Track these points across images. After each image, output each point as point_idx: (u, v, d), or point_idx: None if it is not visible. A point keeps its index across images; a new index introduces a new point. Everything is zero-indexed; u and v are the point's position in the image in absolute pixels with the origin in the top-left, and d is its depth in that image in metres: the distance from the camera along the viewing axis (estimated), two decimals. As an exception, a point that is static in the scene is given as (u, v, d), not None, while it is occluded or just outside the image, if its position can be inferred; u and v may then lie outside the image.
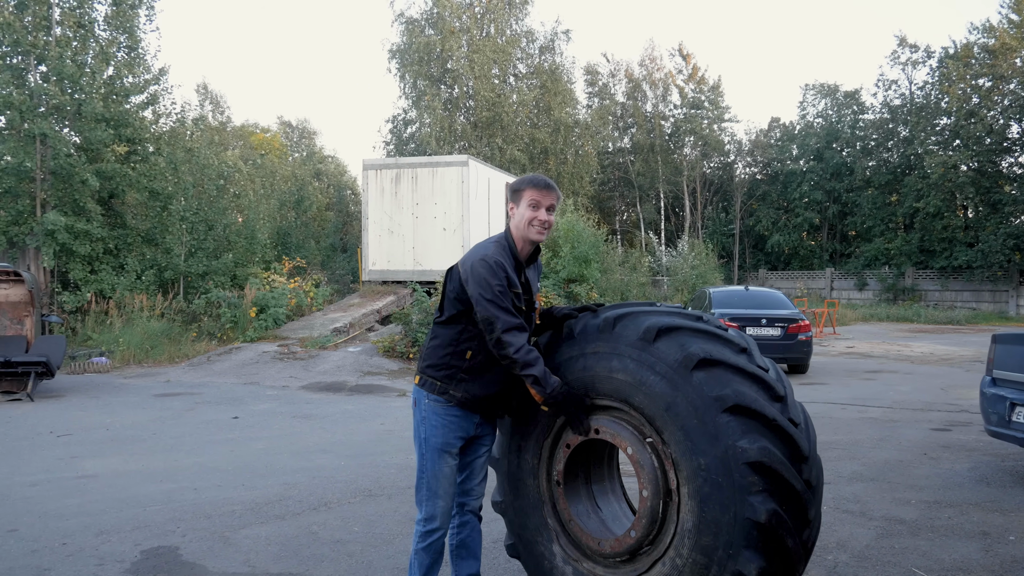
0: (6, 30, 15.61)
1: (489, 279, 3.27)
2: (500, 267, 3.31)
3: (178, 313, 16.71)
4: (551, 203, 3.44)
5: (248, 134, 44.72)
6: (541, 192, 3.41)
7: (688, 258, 30.73)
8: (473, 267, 3.32)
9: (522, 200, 3.43)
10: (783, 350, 13.32)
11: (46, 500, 5.94)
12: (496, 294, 3.26)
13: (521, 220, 3.44)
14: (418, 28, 32.12)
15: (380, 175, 19.90)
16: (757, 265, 42.84)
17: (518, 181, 3.50)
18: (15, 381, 10.54)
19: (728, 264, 42.05)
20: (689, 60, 44.30)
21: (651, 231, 41.12)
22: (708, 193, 44.92)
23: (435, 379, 3.50)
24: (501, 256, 3.37)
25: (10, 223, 15.77)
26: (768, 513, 2.99)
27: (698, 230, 42.97)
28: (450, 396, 3.46)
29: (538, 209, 3.41)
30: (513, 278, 3.36)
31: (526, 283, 3.52)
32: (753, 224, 42.31)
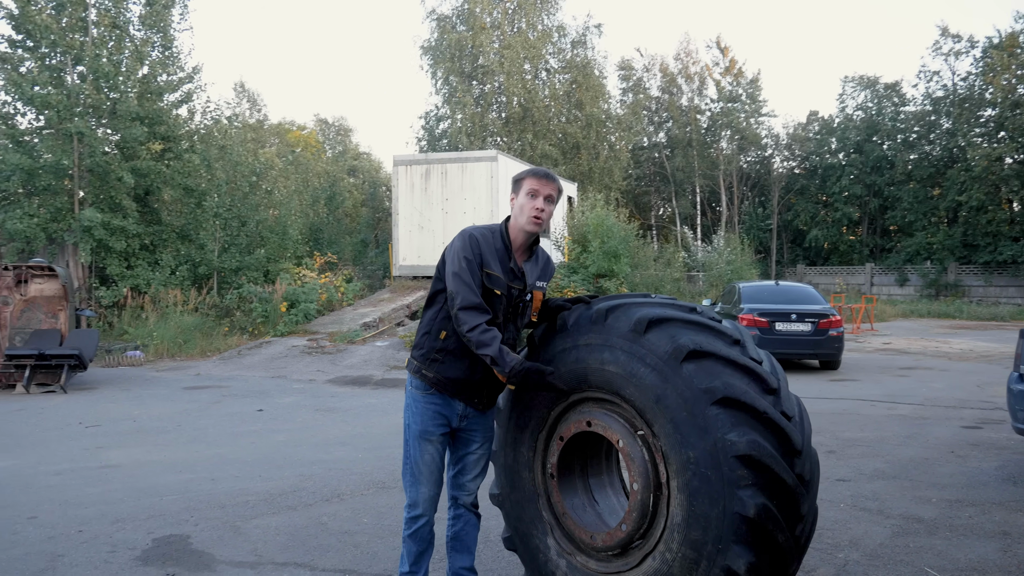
0: (44, 31, 15.98)
1: (460, 251, 3.32)
2: (475, 242, 3.34)
3: (211, 308, 16.99)
4: (549, 193, 3.42)
5: (285, 131, 45.26)
6: (540, 181, 3.41)
7: (723, 253, 30.39)
8: (453, 241, 3.39)
9: (521, 189, 3.43)
10: (814, 346, 13.12)
11: (68, 488, 6.08)
12: (461, 267, 3.29)
13: (518, 209, 3.44)
14: (449, 25, 32.20)
15: (410, 171, 20.01)
16: (795, 260, 42.22)
17: (520, 172, 3.52)
18: (49, 373, 10.81)
19: (765, 259, 41.54)
20: (727, 53, 43.77)
21: (687, 226, 40.77)
22: (745, 188, 44.39)
23: (414, 359, 3.55)
24: (486, 236, 3.40)
25: (49, 220, 16.16)
26: (757, 508, 2.94)
27: (735, 225, 42.50)
28: (423, 376, 3.48)
29: (535, 198, 3.40)
30: (488, 258, 3.35)
31: (517, 272, 3.47)
32: (791, 219, 41.70)
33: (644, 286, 23.46)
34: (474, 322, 3.26)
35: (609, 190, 32.65)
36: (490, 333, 3.26)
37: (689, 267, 32.09)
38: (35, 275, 11.18)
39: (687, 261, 31.90)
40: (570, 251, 20.14)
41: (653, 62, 44.27)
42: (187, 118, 19.44)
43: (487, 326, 3.28)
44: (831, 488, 6.12)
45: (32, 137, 16.98)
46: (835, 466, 6.86)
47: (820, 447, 7.60)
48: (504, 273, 3.42)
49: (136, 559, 4.59)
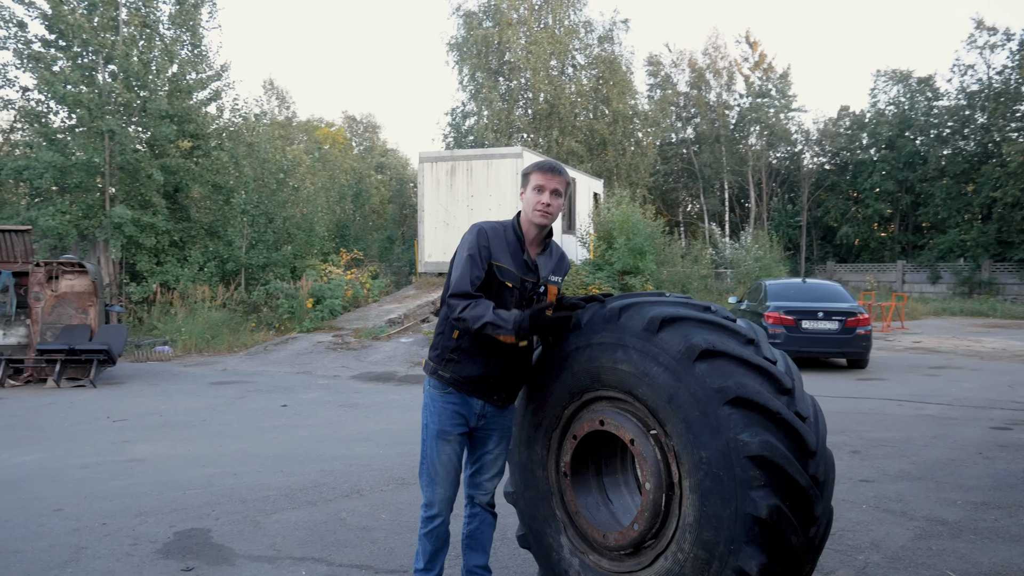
0: (76, 31, 16.23)
1: (465, 245, 3.35)
2: (483, 236, 3.36)
3: (239, 304, 17.18)
4: (555, 187, 3.42)
5: (313, 129, 45.59)
6: (546, 176, 3.40)
7: (751, 250, 30.12)
8: (464, 236, 3.41)
9: (529, 183, 3.44)
10: (841, 344, 12.96)
11: (93, 482, 6.18)
12: (464, 256, 3.32)
13: (526, 203, 3.45)
14: (476, 21, 32.23)
15: (436, 168, 20.06)
16: (825, 257, 41.75)
17: (527, 166, 3.51)
18: (79, 368, 11.00)
19: (794, 256, 41.12)
20: (756, 48, 43.36)
21: (715, 223, 40.47)
22: (774, 184, 43.96)
23: (431, 360, 3.57)
24: (496, 230, 3.42)
25: (81, 217, 16.42)
26: (770, 508, 2.91)
27: (763, 222, 42.09)
28: (440, 376, 3.49)
29: (542, 193, 3.40)
30: (497, 252, 3.37)
31: (531, 264, 3.48)
32: (821, 215, 41.24)
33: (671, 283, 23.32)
34: (463, 303, 3.26)
35: (636, 187, 32.50)
36: (480, 305, 3.24)
37: (717, 264, 31.86)
38: (66, 271, 11.38)
39: (714, 258, 31.67)
40: (595, 248, 20.08)
41: (681, 57, 44.00)
42: (216, 116, 19.65)
43: (475, 300, 3.27)
44: (853, 489, 6.05)
45: (65, 135, 17.26)
46: (858, 466, 6.77)
47: (844, 447, 7.51)
48: (516, 266, 3.42)
49: (157, 552, 4.66)
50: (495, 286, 3.38)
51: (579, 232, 21.46)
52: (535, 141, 31.28)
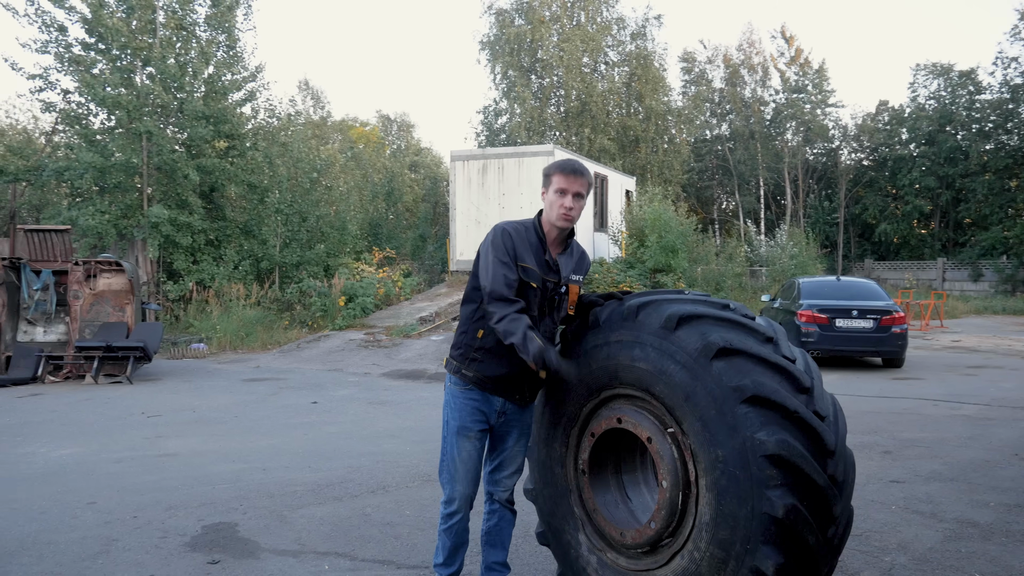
0: (115, 34, 16.55)
1: (491, 247, 3.34)
2: (507, 237, 3.36)
3: (273, 302, 17.40)
4: (578, 190, 3.41)
5: (348, 128, 45.97)
6: (568, 178, 3.38)
7: (786, 248, 29.76)
8: (487, 237, 3.41)
9: (551, 185, 3.42)
10: (875, 343, 12.75)
11: (126, 476, 6.31)
12: (493, 260, 3.31)
13: (548, 205, 3.44)
14: (508, 19, 32.24)
15: (467, 166, 20.12)
16: (863, 255, 41.11)
17: (549, 166, 3.48)
18: (116, 364, 11.23)
19: (832, 254, 40.53)
20: (792, 42, 42.83)
21: (750, 220, 40.05)
22: (811, 180, 43.38)
23: (453, 359, 3.58)
24: (518, 231, 3.41)
25: (119, 216, 16.75)
26: (786, 508, 2.88)
27: (800, 219, 41.56)
28: (463, 376, 3.51)
29: (564, 196, 3.39)
30: (522, 252, 3.36)
31: (552, 264, 3.47)
32: (859, 212, 40.61)
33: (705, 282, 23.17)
34: (502, 312, 3.28)
35: (668, 184, 32.28)
36: (517, 321, 3.26)
37: (751, 262, 31.53)
38: (103, 270, 11.62)
39: (749, 256, 31.35)
40: (627, 245, 19.99)
41: (716, 53, 43.59)
42: (250, 116, 19.91)
43: (516, 314, 3.28)
44: (883, 489, 5.96)
45: (104, 137, 17.61)
46: (890, 467, 6.67)
47: (875, 447, 7.41)
48: (539, 266, 3.42)
49: (185, 545, 4.74)
50: (520, 286, 3.39)
51: (611, 230, 21.38)
52: (567, 139, 31.21)
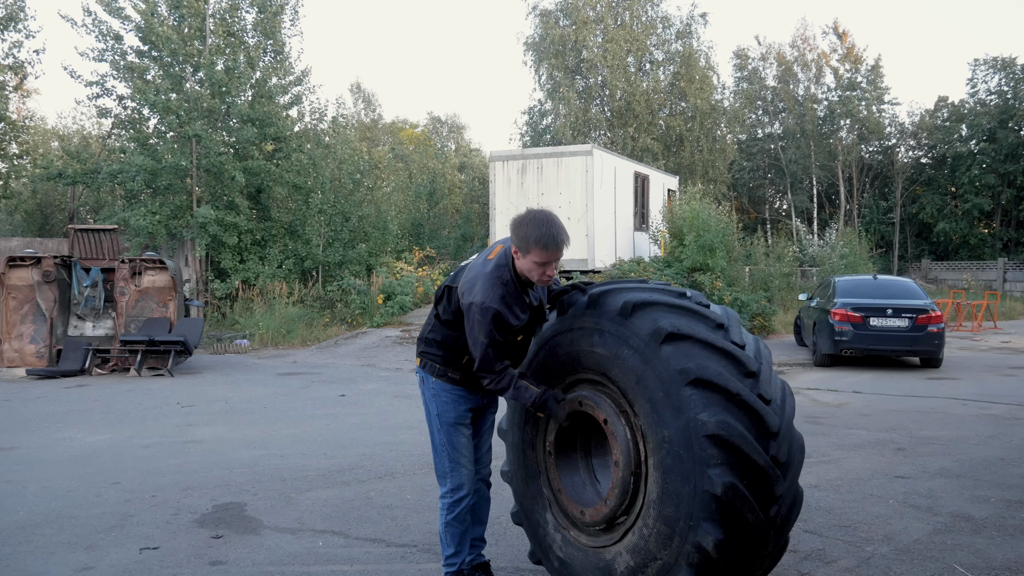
0: (166, 42, 17.22)
1: (485, 327, 3.41)
2: (493, 313, 3.41)
3: (316, 300, 17.88)
4: (556, 259, 3.46)
5: (398, 130, 46.65)
6: (547, 254, 3.39)
7: (836, 247, 29.27)
8: (469, 308, 3.45)
9: (530, 256, 3.42)
10: (910, 342, 12.55)
11: (152, 459, 6.67)
12: (482, 343, 3.43)
13: (527, 269, 3.47)
14: (552, 20, 32.38)
15: (507, 166, 20.30)
16: (920, 255, 40.11)
17: (524, 232, 3.42)
18: (159, 358, 11.74)
19: (887, 254, 39.65)
20: (845, 38, 42.02)
21: (802, 220, 39.44)
22: (866, 179, 42.51)
23: (435, 362, 3.76)
24: (498, 295, 3.43)
25: (169, 217, 17.41)
26: (725, 486, 3.00)
27: (854, 218, 40.76)
28: (449, 378, 3.74)
29: (545, 266, 3.44)
30: (508, 316, 3.45)
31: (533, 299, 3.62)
32: (916, 212, 39.63)
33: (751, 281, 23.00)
34: (490, 376, 3.53)
35: (714, 183, 32.02)
36: (506, 378, 3.53)
37: (801, 262, 31.07)
38: (148, 267, 12.16)
39: (799, 256, 30.91)
40: (667, 245, 19.95)
41: (769, 51, 43.02)
42: (296, 119, 20.46)
43: (503, 373, 3.53)
44: (885, 484, 5.96)
45: (156, 141, 18.32)
46: (899, 463, 6.64)
47: (889, 444, 7.37)
48: (522, 311, 3.55)
49: (194, 521, 5.03)
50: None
51: (651, 230, 21.36)
52: (612, 139, 31.21)
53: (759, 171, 43.77)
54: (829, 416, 8.91)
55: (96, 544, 4.61)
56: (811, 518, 5.14)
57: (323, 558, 4.43)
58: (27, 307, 11.70)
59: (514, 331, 3.55)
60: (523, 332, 3.65)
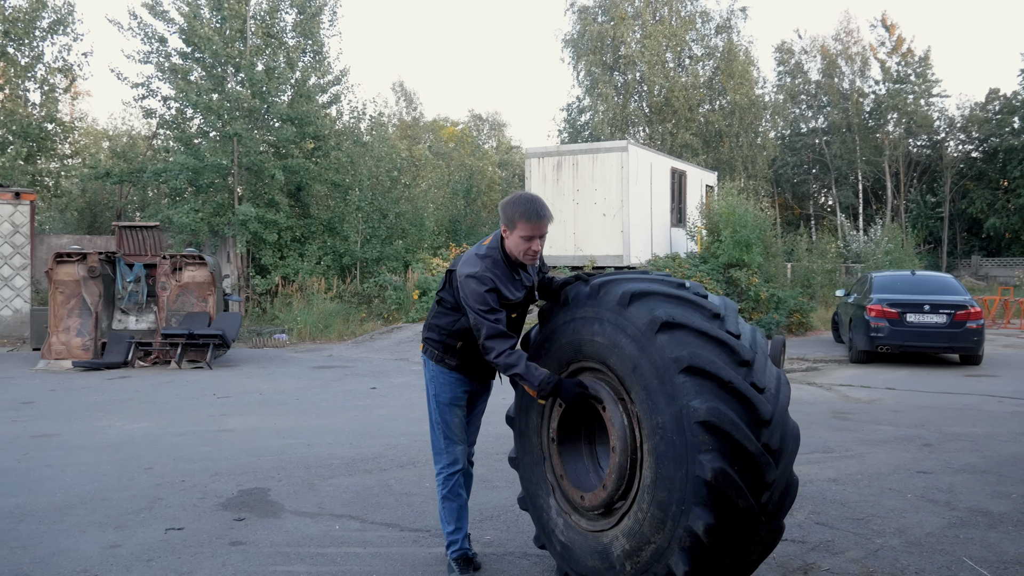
0: (207, 43, 17.64)
1: (479, 294, 3.57)
2: (489, 281, 3.59)
3: (354, 295, 18.19)
4: (542, 233, 3.64)
5: (439, 128, 46.95)
6: (533, 226, 3.59)
7: (880, 243, 28.77)
8: (464, 283, 3.63)
9: (516, 231, 3.62)
10: (948, 339, 12.33)
11: (185, 447, 6.91)
12: (482, 308, 3.57)
13: (514, 246, 3.66)
14: (591, 16, 32.33)
15: (542, 163, 20.38)
16: (970, 251, 39.21)
17: (510, 210, 3.63)
18: (198, 351, 12.07)
19: (935, 250, 38.83)
20: (893, 31, 41.21)
21: (846, 215, 38.80)
22: (913, 174, 41.66)
23: (434, 349, 3.99)
24: (491, 270, 3.63)
25: (212, 214, 17.83)
26: (715, 472, 3.05)
27: (901, 214, 39.99)
28: (446, 364, 3.95)
29: (531, 241, 3.62)
30: (502, 289, 3.63)
31: (525, 281, 3.79)
32: (966, 207, 38.75)
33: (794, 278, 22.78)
34: (502, 347, 3.58)
35: (754, 179, 31.68)
36: (515, 355, 3.59)
37: (845, 258, 30.61)
38: (188, 263, 12.51)
39: (842, 252, 30.46)
40: (703, 241, 19.85)
41: (812, 44, 42.37)
42: (335, 118, 20.78)
43: (511, 349, 3.60)
44: (906, 479, 5.93)
45: (199, 140, 18.78)
46: (923, 459, 6.59)
47: (916, 440, 7.30)
48: (516, 289, 3.74)
49: (219, 505, 5.23)
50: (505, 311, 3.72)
51: (688, 226, 21.26)
52: (650, 135, 31.07)
53: (803, 166, 43.16)
54: (858, 412, 8.84)
55: (125, 524, 4.83)
56: (824, 511, 5.15)
57: (338, 540, 4.58)
58: (73, 301, 12.12)
59: (509, 305, 3.70)
60: (517, 310, 3.81)
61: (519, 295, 3.75)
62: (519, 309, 3.83)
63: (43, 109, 21.01)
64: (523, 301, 3.82)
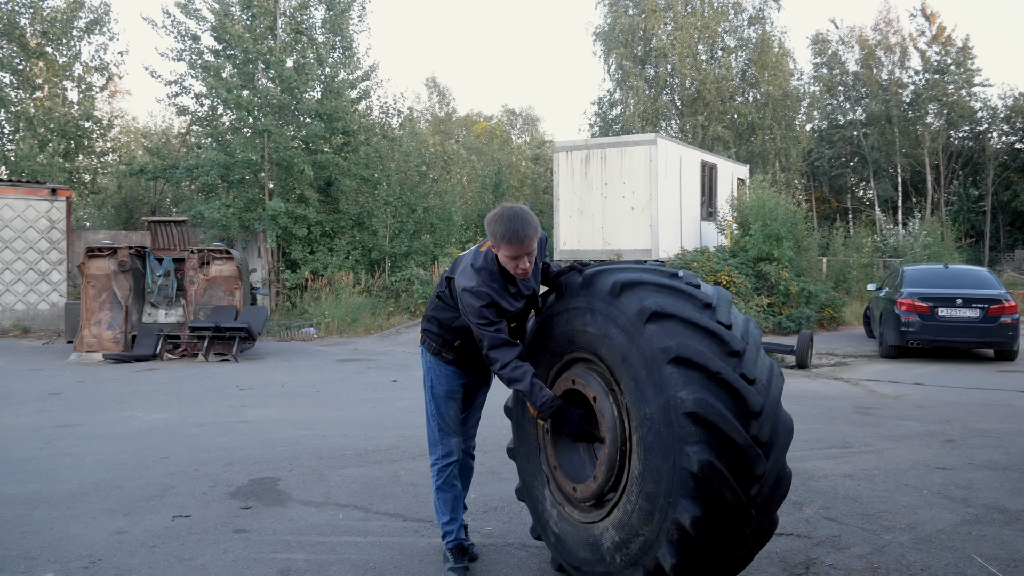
0: (238, 41, 17.85)
1: (476, 309, 3.52)
2: (486, 296, 3.52)
3: (382, 290, 18.31)
4: (528, 252, 3.50)
5: (471, 123, 47.01)
6: (515, 248, 3.46)
7: (919, 237, 28.20)
8: (461, 296, 3.58)
9: (501, 251, 3.51)
10: (982, 333, 12.05)
11: (202, 437, 7.01)
12: (482, 322, 3.52)
13: (504, 263, 3.56)
14: (621, 8, 32.09)
15: (570, 157, 20.29)
16: (1013, 245, 38.21)
17: (492, 228, 3.49)
18: (225, 344, 12.25)
19: (977, 244, 37.93)
20: (933, 20, 40.28)
21: (883, 209, 38.08)
22: (955, 166, 40.72)
23: (433, 342, 3.96)
24: (487, 284, 3.55)
25: (243, 209, 18.06)
26: (701, 464, 3.01)
27: (941, 207, 39.13)
28: (443, 358, 3.94)
29: (517, 260, 3.50)
30: (500, 302, 3.56)
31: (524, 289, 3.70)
32: (1009, 199, 37.77)
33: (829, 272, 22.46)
34: (505, 359, 3.53)
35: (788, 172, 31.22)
36: (521, 369, 3.53)
37: (882, 252, 30.06)
38: (215, 257, 12.70)
39: (879, 246, 29.92)
40: (733, 235, 19.62)
41: (850, 34, 41.60)
42: (364, 113, 20.92)
43: (517, 361, 3.54)
44: (924, 475, 5.81)
45: (231, 136, 19.02)
46: (944, 455, 6.45)
47: (939, 436, 7.15)
48: (515, 298, 3.66)
49: (228, 494, 5.30)
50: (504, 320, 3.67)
51: (718, 219, 21.04)
52: (682, 127, 30.78)
53: (840, 159, 42.44)
54: (883, 407, 8.68)
55: (135, 511, 4.91)
56: (835, 506, 5.07)
57: (340, 529, 4.62)
58: (105, 295, 12.37)
59: (508, 316, 3.65)
60: (518, 319, 3.76)
61: (518, 305, 3.68)
62: (520, 318, 3.77)
63: (80, 107, 21.47)
64: (523, 310, 3.75)
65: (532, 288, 3.77)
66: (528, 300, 3.76)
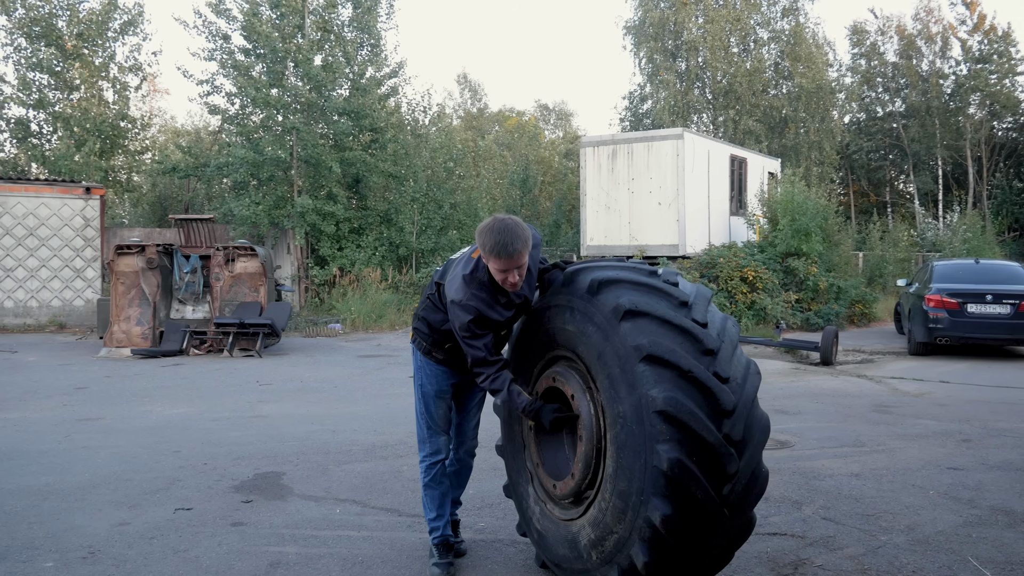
0: (267, 40, 18.08)
1: (463, 323, 3.53)
2: (472, 310, 3.52)
3: (409, 286, 18.45)
4: (518, 265, 3.45)
5: (504, 119, 47.06)
6: (503, 262, 3.41)
7: (958, 231, 27.60)
8: (450, 307, 3.60)
9: (489, 263, 3.47)
10: (1013, 330, 11.78)
11: (216, 432, 7.15)
12: (467, 335, 3.56)
13: (494, 275, 3.51)
14: (652, 3, 31.83)
15: (597, 152, 20.21)
16: (1058, 240, 37.19)
17: (482, 242, 3.45)
18: (250, 340, 12.44)
19: (1021, 238, 36.98)
20: (974, 8, 39.31)
21: (923, 202, 37.31)
22: (998, 158, 39.73)
23: (423, 341, 3.99)
24: (476, 296, 3.53)
25: (272, 207, 18.31)
26: (671, 462, 3.00)
27: (983, 200, 38.22)
28: (433, 357, 3.97)
29: (506, 273, 3.46)
30: (489, 313, 3.55)
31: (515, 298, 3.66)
32: (1055, 192, 36.75)
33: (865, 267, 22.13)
34: (486, 372, 3.63)
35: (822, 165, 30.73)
36: (500, 379, 3.61)
37: (919, 247, 29.47)
38: (240, 254, 12.90)
39: (917, 240, 29.34)
40: (762, 229, 19.39)
41: (888, 24, 40.79)
42: (393, 110, 21.06)
43: (497, 372, 3.62)
44: (933, 475, 5.71)
45: (260, 134, 19.29)
46: (958, 455, 6.33)
47: (956, 435, 7.01)
48: (506, 308, 3.64)
49: (232, 487, 5.40)
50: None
51: (748, 214, 20.81)
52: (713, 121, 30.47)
53: (879, 152, 41.64)
54: (902, 405, 8.54)
55: (139, 504, 5.03)
56: (835, 506, 5.01)
57: (335, 524, 4.68)
58: (133, 292, 12.64)
59: (498, 325, 3.66)
60: (507, 327, 3.77)
61: (508, 314, 3.65)
62: (509, 326, 3.78)
63: (116, 107, 21.93)
64: (513, 318, 3.74)
65: (524, 295, 3.73)
66: (520, 307, 3.74)
